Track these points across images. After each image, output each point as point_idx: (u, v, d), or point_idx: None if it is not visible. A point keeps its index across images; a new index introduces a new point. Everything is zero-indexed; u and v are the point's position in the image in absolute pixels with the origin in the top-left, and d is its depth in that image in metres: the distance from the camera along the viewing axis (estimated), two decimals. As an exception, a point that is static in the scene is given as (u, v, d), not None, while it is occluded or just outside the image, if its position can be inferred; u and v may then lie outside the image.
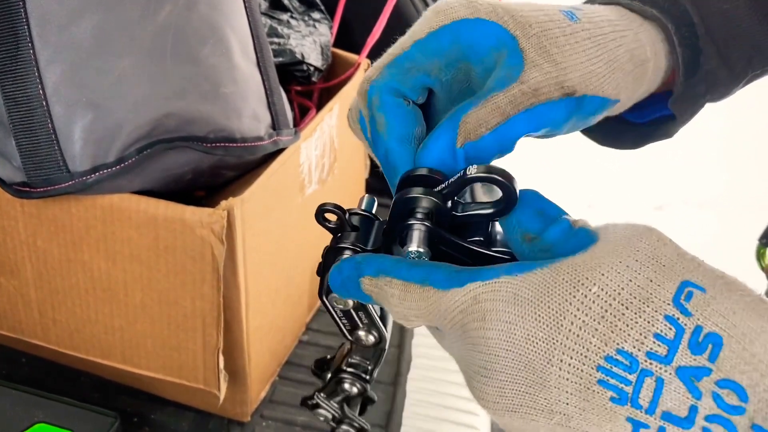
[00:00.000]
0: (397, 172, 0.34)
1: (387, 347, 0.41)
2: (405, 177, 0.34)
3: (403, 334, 0.87)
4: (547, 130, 0.34)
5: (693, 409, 0.24)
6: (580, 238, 0.29)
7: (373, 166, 1.02)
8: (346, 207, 0.38)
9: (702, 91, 0.40)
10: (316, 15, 0.91)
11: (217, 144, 0.64)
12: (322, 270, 0.38)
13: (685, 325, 0.25)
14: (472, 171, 0.31)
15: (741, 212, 2.60)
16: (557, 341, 0.27)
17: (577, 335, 0.26)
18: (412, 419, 0.77)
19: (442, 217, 0.33)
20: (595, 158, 1.68)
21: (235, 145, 0.65)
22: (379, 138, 0.35)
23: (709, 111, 0.52)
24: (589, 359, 0.26)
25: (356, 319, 0.40)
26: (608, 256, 0.27)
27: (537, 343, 0.27)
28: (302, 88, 0.86)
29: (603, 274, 0.27)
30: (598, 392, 0.26)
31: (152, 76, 0.60)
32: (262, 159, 0.69)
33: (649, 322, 0.26)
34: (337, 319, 0.40)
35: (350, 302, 0.38)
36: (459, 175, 0.31)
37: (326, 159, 0.81)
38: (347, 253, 0.36)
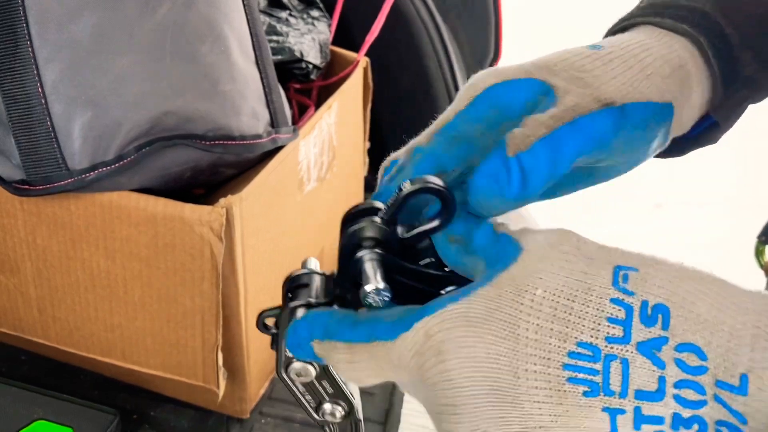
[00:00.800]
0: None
1: (361, 417, 0.36)
2: (345, 216, 0.33)
3: (401, 331, 0.87)
4: (599, 150, 0.32)
5: (661, 380, 0.25)
6: (504, 245, 0.30)
7: (372, 164, 1.02)
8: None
9: (744, 96, 0.40)
10: (315, 13, 0.91)
11: (216, 142, 0.64)
12: (276, 342, 0.35)
13: (632, 303, 0.26)
14: (407, 186, 0.30)
15: (740, 210, 2.60)
16: (518, 351, 0.27)
17: (536, 340, 0.27)
18: (410, 416, 0.77)
19: (391, 244, 0.32)
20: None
21: (233, 143, 0.65)
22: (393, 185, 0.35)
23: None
24: (554, 360, 0.26)
25: (320, 390, 0.36)
26: (540, 261, 0.28)
27: (499, 360, 0.27)
28: (301, 86, 0.86)
29: (541, 278, 0.27)
30: (570, 391, 0.26)
31: (151, 74, 0.60)
32: (260, 157, 0.69)
33: (598, 309, 0.26)
34: (300, 396, 0.36)
35: (312, 371, 0.34)
36: (395, 194, 0.31)
37: (325, 157, 0.81)
38: (300, 311, 0.33)
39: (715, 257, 2.42)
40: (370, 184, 1.04)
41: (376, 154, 1.04)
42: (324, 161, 0.81)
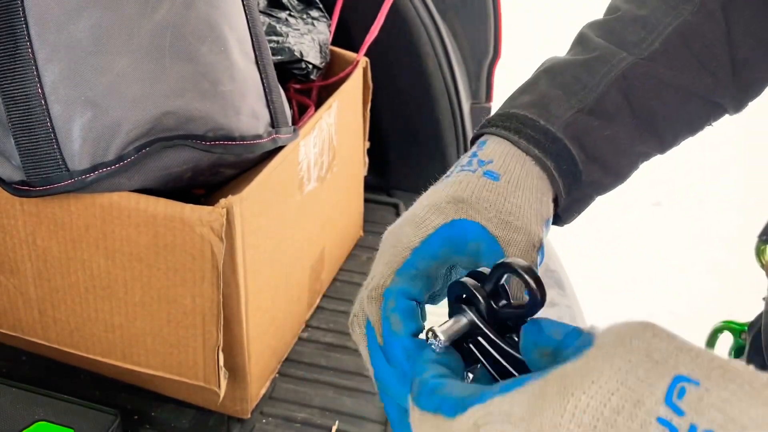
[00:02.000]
0: (417, 365, 0.35)
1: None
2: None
3: (402, 331, 0.87)
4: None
5: None
6: (582, 340, 0.29)
7: (372, 164, 1.02)
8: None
9: (589, 194, 0.48)
10: (315, 13, 0.91)
11: (216, 142, 0.64)
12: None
13: (679, 426, 0.24)
14: (513, 261, 0.34)
15: (740, 209, 2.60)
16: None
17: None
18: (411, 416, 0.77)
19: (488, 313, 0.35)
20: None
21: (233, 143, 0.65)
22: (393, 337, 0.38)
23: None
24: None
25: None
26: (599, 360, 0.27)
27: None
28: (301, 86, 0.86)
29: (593, 381, 0.26)
30: None
31: (151, 74, 0.60)
32: (260, 157, 0.69)
33: (642, 427, 0.25)
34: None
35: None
36: (499, 262, 0.35)
37: (325, 157, 0.81)
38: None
39: (715, 256, 2.42)
40: (369, 184, 1.04)
41: (376, 153, 1.04)
42: (324, 161, 0.81)
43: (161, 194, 0.62)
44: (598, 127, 0.46)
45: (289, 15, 0.88)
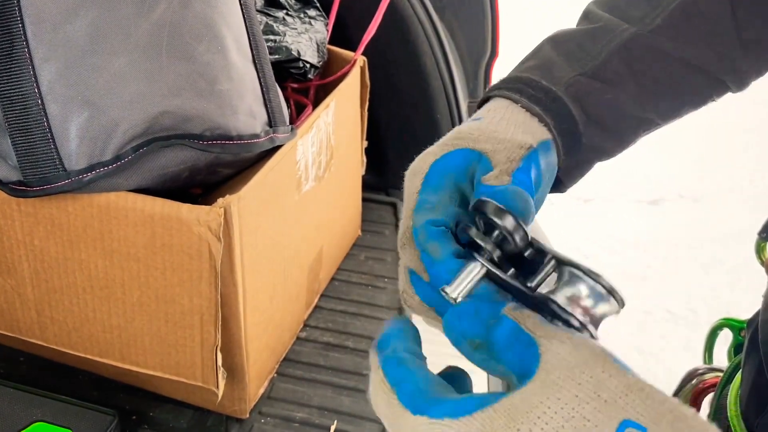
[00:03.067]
0: (464, 287, 0.35)
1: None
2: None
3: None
4: (542, 176, 0.42)
5: None
6: (522, 352, 0.29)
7: (370, 163, 1.02)
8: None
9: (589, 158, 0.49)
10: (312, 12, 0.91)
11: (214, 141, 0.64)
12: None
13: None
14: (488, 203, 0.34)
15: (737, 207, 2.60)
16: None
17: None
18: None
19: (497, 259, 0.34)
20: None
21: (231, 142, 0.65)
22: (437, 262, 0.37)
23: (706, 108, 0.53)
24: None
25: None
26: (546, 392, 0.27)
27: None
28: (298, 86, 0.86)
29: (539, 417, 0.26)
30: None
31: (147, 73, 0.60)
32: (258, 156, 0.69)
33: None
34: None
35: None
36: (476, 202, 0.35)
37: (323, 156, 0.81)
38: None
39: (712, 254, 2.42)
40: (367, 183, 1.04)
41: (374, 153, 1.04)
42: (322, 160, 0.81)
43: (159, 194, 0.62)
44: (599, 89, 0.47)
45: (287, 14, 0.88)
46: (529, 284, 0.33)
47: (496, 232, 0.34)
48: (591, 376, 0.26)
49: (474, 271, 0.33)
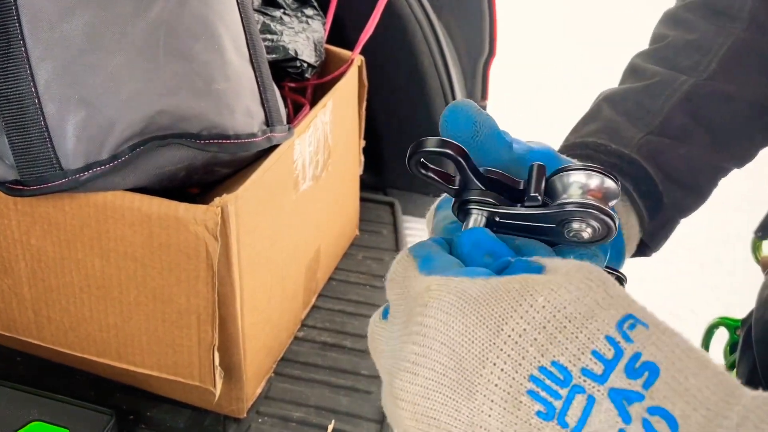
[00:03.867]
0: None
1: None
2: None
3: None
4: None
5: None
6: (535, 264, 0.29)
7: (367, 163, 1.02)
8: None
9: (672, 217, 0.48)
10: (309, 11, 0.91)
11: (211, 141, 0.64)
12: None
13: (625, 349, 0.25)
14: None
15: (737, 207, 2.61)
16: (494, 344, 0.26)
17: (515, 341, 0.26)
18: (407, 414, 0.77)
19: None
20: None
21: (228, 141, 0.65)
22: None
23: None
24: (523, 367, 0.26)
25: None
26: (560, 276, 0.27)
27: (473, 343, 0.26)
28: (296, 85, 0.86)
29: (552, 290, 0.27)
30: (525, 404, 0.25)
31: (144, 72, 0.60)
32: (255, 156, 0.69)
33: (589, 339, 0.25)
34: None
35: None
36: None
37: (320, 155, 0.81)
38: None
39: (713, 254, 2.42)
40: (365, 183, 1.04)
41: (372, 152, 1.04)
42: (319, 160, 0.81)
43: (156, 193, 0.62)
44: (670, 146, 0.46)
45: (284, 13, 0.88)
46: (531, 201, 0.33)
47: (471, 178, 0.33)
48: (598, 276, 0.27)
49: (473, 220, 0.33)
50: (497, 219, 0.33)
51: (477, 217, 0.33)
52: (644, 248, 0.47)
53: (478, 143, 0.33)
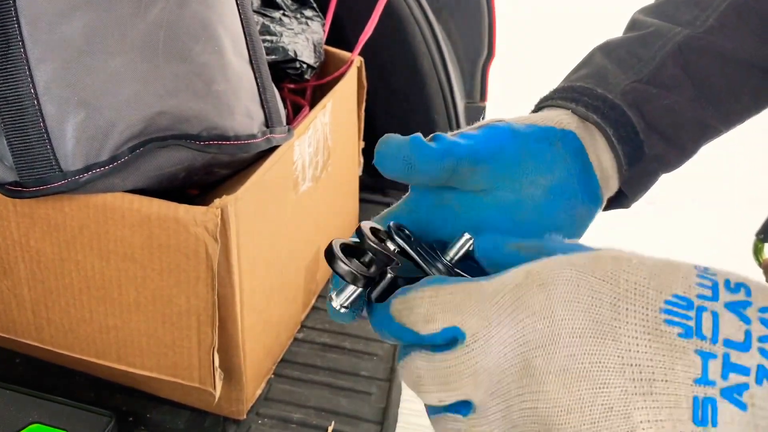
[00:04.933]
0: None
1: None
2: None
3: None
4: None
5: (747, 334, 0.28)
6: (584, 246, 0.33)
7: (367, 164, 1.02)
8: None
9: (654, 169, 0.48)
10: (309, 13, 0.91)
11: (210, 142, 0.64)
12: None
13: (716, 279, 0.30)
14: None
15: (733, 207, 2.61)
16: (619, 294, 0.30)
17: (635, 289, 0.30)
18: (407, 415, 0.77)
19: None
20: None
21: (228, 143, 0.65)
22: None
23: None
24: (652, 304, 0.29)
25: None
26: (624, 252, 0.31)
27: (602, 297, 0.29)
28: (295, 86, 0.86)
29: (632, 258, 0.31)
30: (666, 331, 0.29)
31: (144, 74, 0.60)
32: (255, 157, 0.69)
33: (686, 278, 0.30)
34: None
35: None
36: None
37: (320, 156, 0.81)
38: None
39: (710, 255, 2.42)
40: (364, 184, 1.04)
41: (371, 153, 1.04)
42: (319, 161, 0.81)
43: (155, 194, 0.62)
44: (656, 95, 0.46)
45: (283, 14, 0.88)
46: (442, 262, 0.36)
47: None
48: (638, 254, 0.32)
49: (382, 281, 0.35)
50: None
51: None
52: (623, 198, 0.49)
53: (414, 176, 0.37)
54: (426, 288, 0.32)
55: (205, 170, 0.67)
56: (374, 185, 1.13)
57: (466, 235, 0.36)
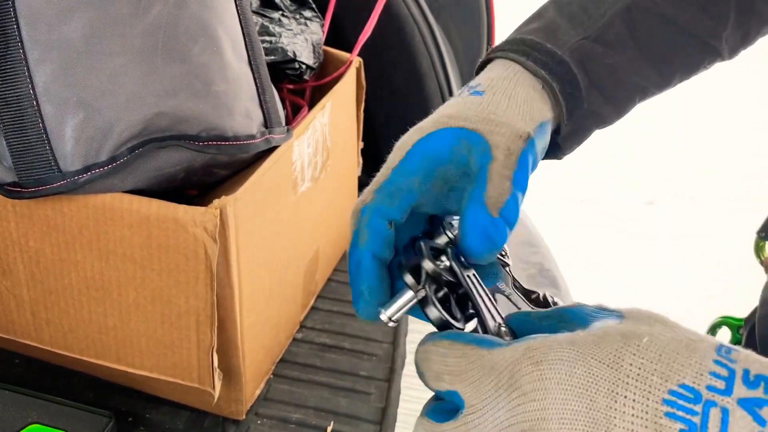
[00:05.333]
0: (361, 281, 0.39)
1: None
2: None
3: (397, 331, 0.87)
4: (537, 160, 0.42)
5: None
6: (606, 313, 0.31)
7: (366, 164, 1.02)
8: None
9: (588, 125, 0.49)
10: (308, 13, 0.91)
11: (209, 142, 0.64)
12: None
13: (734, 367, 0.27)
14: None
15: (732, 207, 2.61)
16: (619, 379, 0.27)
17: (638, 374, 0.27)
18: (406, 415, 0.77)
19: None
20: (587, 153, 1.69)
21: (227, 143, 0.65)
22: (356, 250, 0.41)
23: (701, 107, 0.53)
24: (654, 394, 0.27)
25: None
26: (645, 324, 0.29)
27: (599, 382, 0.27)
28: (294, 87, 0.86)
29: (650, 332, 0.28)
30: (665, 425, 0.26)
31: (143, 74, 0.60)
32: (254, 157, 0.69)
33: (701, 364, 0.27)
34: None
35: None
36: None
37: (319, 157, 0.81)
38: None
39: (709, 253, 2.43)
40: (364, 184, 1.04)
41: (370, 153, 1.04)
42: (318, 161, 0.81)
43: (154, 195, 0.62)
44: (601, 54, 0.47)
45: (282, 15, 0.88)
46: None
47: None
48: (670, 322, 0.30)
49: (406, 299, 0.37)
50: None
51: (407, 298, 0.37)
52: (556, 150, 0.49)
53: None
54: (441, 342, 0.32)
55: (204, 171, 0.67)
56: (373, 185, 1.13)
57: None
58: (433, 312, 0.34)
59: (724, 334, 0.69)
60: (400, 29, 1.08)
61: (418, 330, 0.88)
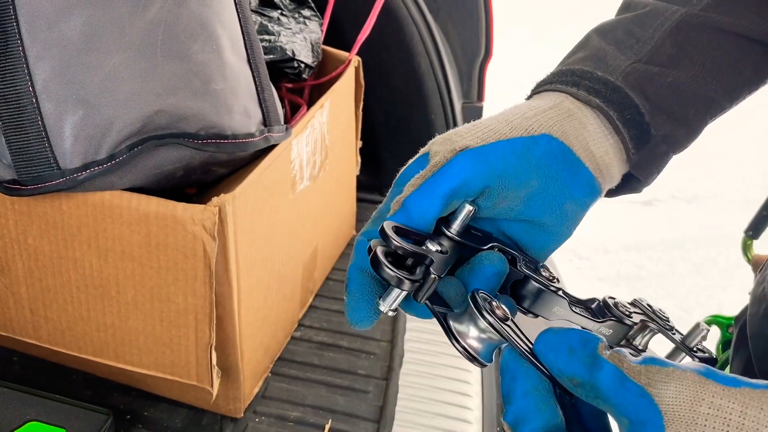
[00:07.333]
0: (347, 291, 0.39)
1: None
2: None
3: (395, 330, 0.87)
4: (468, 187, 0.39)
5: None
6: (636, 402, 0.29)
7: (364, 163, 1.02)
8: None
9: (664, 150, 0.46)
10: (307, 12, 0.91)
11: (208, 140, 0.64)
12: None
13: None
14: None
15: (729, 208, 2.62)
16: None
17: None
18: (404, 413, 0.77)
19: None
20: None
21: (226, 141, 0.65)
22: (348, 269, 0.40)
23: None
24: None
25: None
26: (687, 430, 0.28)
27: None
28: (293, 85, 0.86)
29: None
30: None
31: (142, 72, 0.60)
32: (253, 155, 0.69)
33: None
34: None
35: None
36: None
37: (317, 156, 0.82)
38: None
39: (706, 254, 2.43)
40: (362, 183, 1.04)
41: (368, 152, 1.04)
42: (316, 160, 0.81)
43: (153, 193, 0.62)
44: (657, 74, 0.45)
45: (281, 14, 0.88)
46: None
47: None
48: (709, 406, 0.28)
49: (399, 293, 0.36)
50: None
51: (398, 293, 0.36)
52: (634, 182, 0.47)
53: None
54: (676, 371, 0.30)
55: (203, 169, 0.67)
56: (371, 184, 1.13)
57: (468, 207, 0.37)
58: (386, 272, 0.34)
59: (714, 333, 0.69)
60: (398, 29, 1.08)
61: (416, 329, 0.88)
